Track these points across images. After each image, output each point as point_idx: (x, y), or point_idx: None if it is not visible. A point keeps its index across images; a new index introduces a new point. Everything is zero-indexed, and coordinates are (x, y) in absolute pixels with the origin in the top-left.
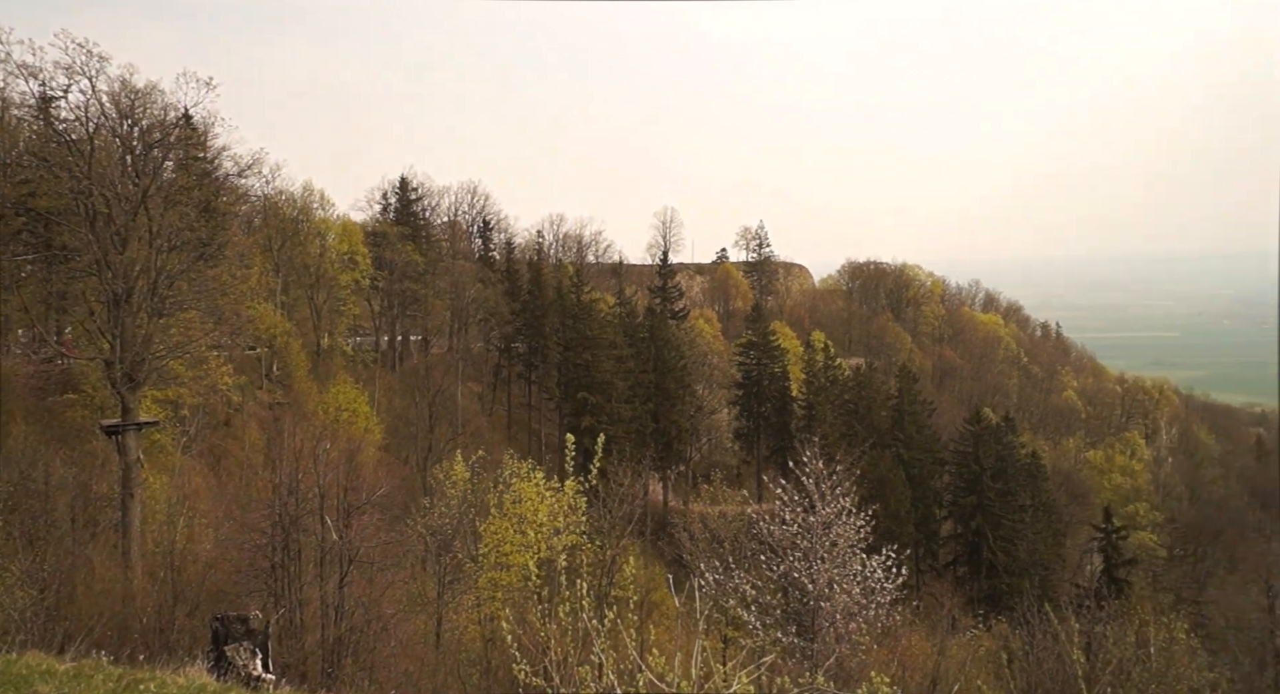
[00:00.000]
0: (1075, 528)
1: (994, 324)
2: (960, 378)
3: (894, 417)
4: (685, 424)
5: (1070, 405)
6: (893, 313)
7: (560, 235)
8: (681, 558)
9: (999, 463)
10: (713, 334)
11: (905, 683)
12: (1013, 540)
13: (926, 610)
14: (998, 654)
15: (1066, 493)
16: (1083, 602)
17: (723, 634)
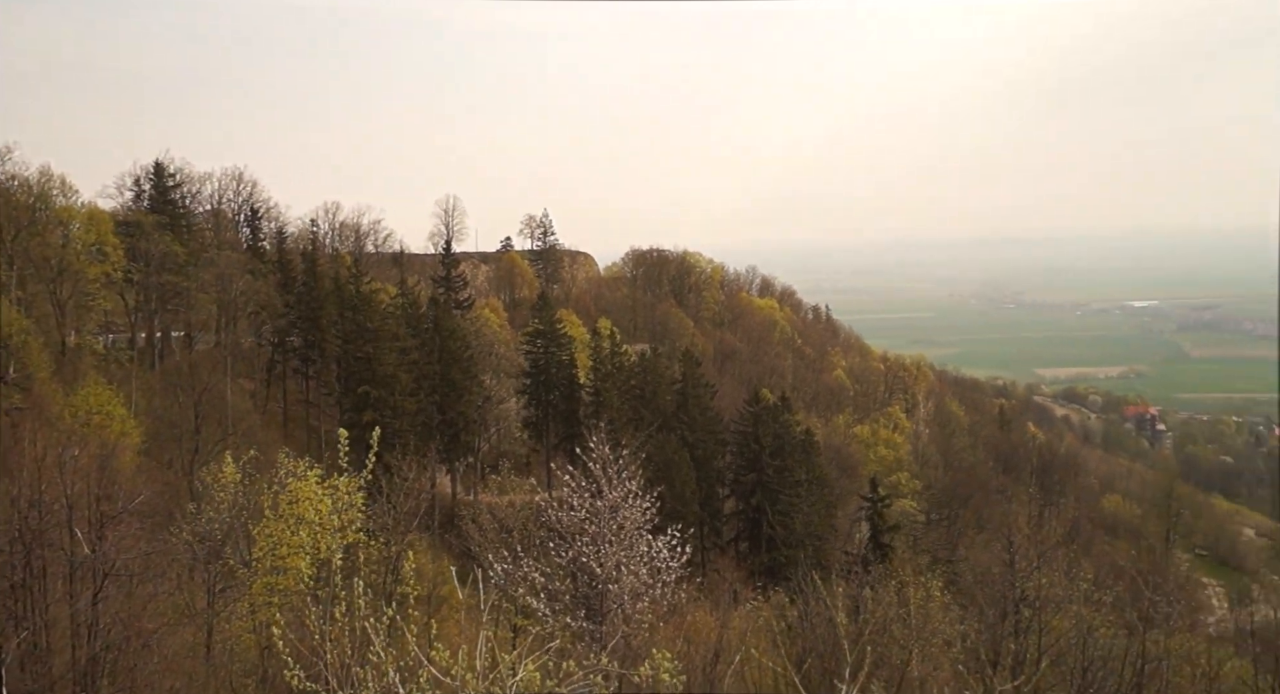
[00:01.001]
0: (845, 499)
1: (770, 308)
2: (740, 360)
3: (678, 400)
4: (473, 415)
5: (839, 383)
6: (676, 299)
7: (337, 224)
8: (470, 550)
9: (776, 441)
10: (499, 323)
11: (690, 657)
12: (790, 514)
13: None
14: (776, 623)
15: (837, 466)
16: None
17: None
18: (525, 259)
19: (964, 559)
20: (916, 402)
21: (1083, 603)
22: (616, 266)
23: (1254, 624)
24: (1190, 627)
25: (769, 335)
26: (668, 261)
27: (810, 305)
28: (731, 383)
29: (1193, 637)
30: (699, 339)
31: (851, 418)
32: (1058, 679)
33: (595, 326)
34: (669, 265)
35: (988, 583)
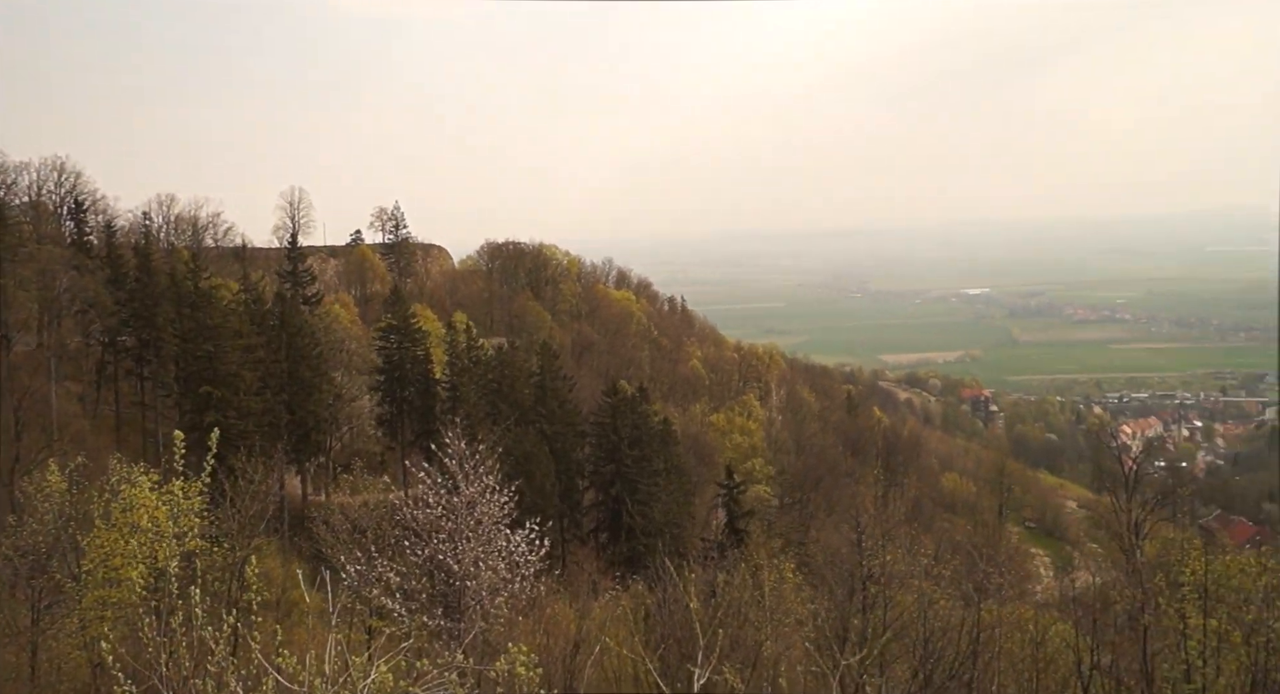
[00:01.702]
0: (703, 487)
1: (627, 300)
2: (597, 352)
3: (536, 393)
4: (323, 414)
5: (695, 374)
6: (532, 292)
7: (172, 217)
8: (321, 552)
9: (635, 431)
10: (350, 319)
11: (549, 650)
12: (649, 503)
13: (571, 578)
14: (634, 611)
15: (695, 455)
16: (708, 554)
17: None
18: (376, 253)
19: (815, 541)
20: (769, 389)
21: (924, 577)
22: (472, 260)
23: (1075, 590)
24: (1020, 595)
25: (626, 327)
26: (524, 254)
27: (666, 297)
28: (590, 375)
29: (1022, 604)
30: (556, 332)
31: (707, 407)
32: (901, 651)
33: (451, 321)
34: (525, 258)
35: (836, 563)
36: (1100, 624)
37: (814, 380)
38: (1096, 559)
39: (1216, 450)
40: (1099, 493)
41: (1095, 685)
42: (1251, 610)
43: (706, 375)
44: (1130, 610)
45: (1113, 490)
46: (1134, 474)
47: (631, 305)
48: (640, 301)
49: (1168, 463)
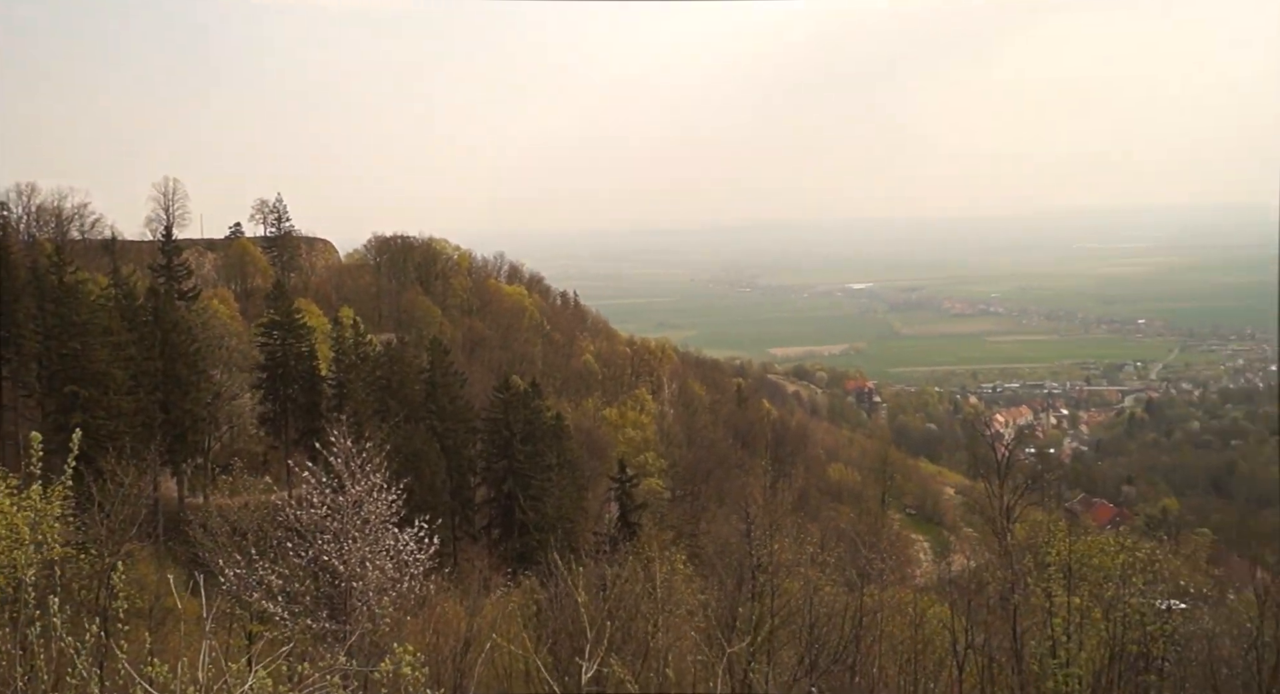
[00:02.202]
0: (596, 481)
1: (519, 295)
2: (489, 347)
3: (427, 389)
4: (201, 413)
5: (588, 368)
6: (422, 286)
7: (33, 208)
8: (198, 556)
9: (527, 427)
10: (230, 315)
11: (439, 649)
12: (541, 499)
13: (462, 575)
14: (527, 607)
15: (588, 449)
16: (600, 547)
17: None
18: (258, 246)
19: (706, 532)
20: (661, 383)
21: (810, 565)
22: (359, 254)
23: (951, 573)
24: (902, 579)
25: (519, 322)
26: (413, 248)
27: (559, 291)
28: (481, 370)
29: (903, 588)
30: (447, 327)
31: (600, 401)
32: (788, 637)
33: (337, 316)
34: (414, 252)
35: (726, 553)
36: (974, 605)
37: (705, 374)
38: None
39: (1081, 437)
40: (974, 479)
41: (969, 663)
42: (1110, 587)
43: (599, 370)
44: (1002, 591)
45: (986, 477)
46: (1006, 461)
47: (524, 300)
48: (533, 296)
49: (1037, 450)
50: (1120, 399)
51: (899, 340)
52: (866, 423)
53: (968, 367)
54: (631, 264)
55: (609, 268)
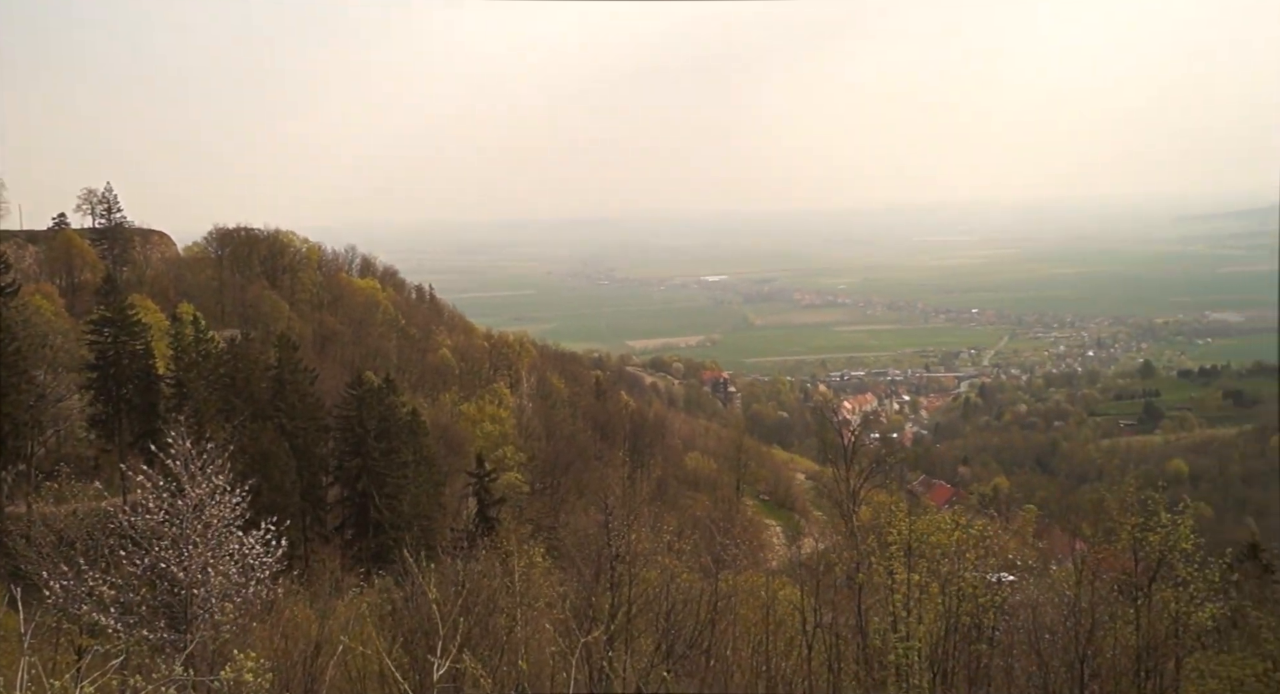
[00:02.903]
0: (453, 477)
1: (372, 289)
2: (341, 343)
3: (274, 387)
4: (23, 417)
5: (445, 363)
6: (268, 281)
7: None
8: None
9: (382, 423)
10: (54, 311)
11: (288, 654)
12: (397, 496)
13: (314, 577)
14: (382, 607)
15: (445, 445)
16: (458, 543)
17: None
18: (86, 238)
19: (565, 524)
20: (520, 377)
21: (667, 553)
22: (199, 246)
23: (801, 556)
24: (755, 564)
25: (372, 316)
26: (258, 241)
27: (414, 285)
28: (333, 366)
29: (756, 573)
30: (296, 322)
31: (458, 396)
32: (646, 624)
33: (176, 312)
34: (259, 245)
35: (585, 544)
36: (822, 585)
37: (564, 367)
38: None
39: (921, 421)
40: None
41: (818, 641)
42: (946, 563)
43: (456, 364)
44: (848, 571)
45: (834, 462)
46: (852, 446)
47: (377, 294)
48: (387, 290)
49: (881, 434)
50: (956, 385)
51: (752, 331)
52: (722, 412)
53: (817, 356)
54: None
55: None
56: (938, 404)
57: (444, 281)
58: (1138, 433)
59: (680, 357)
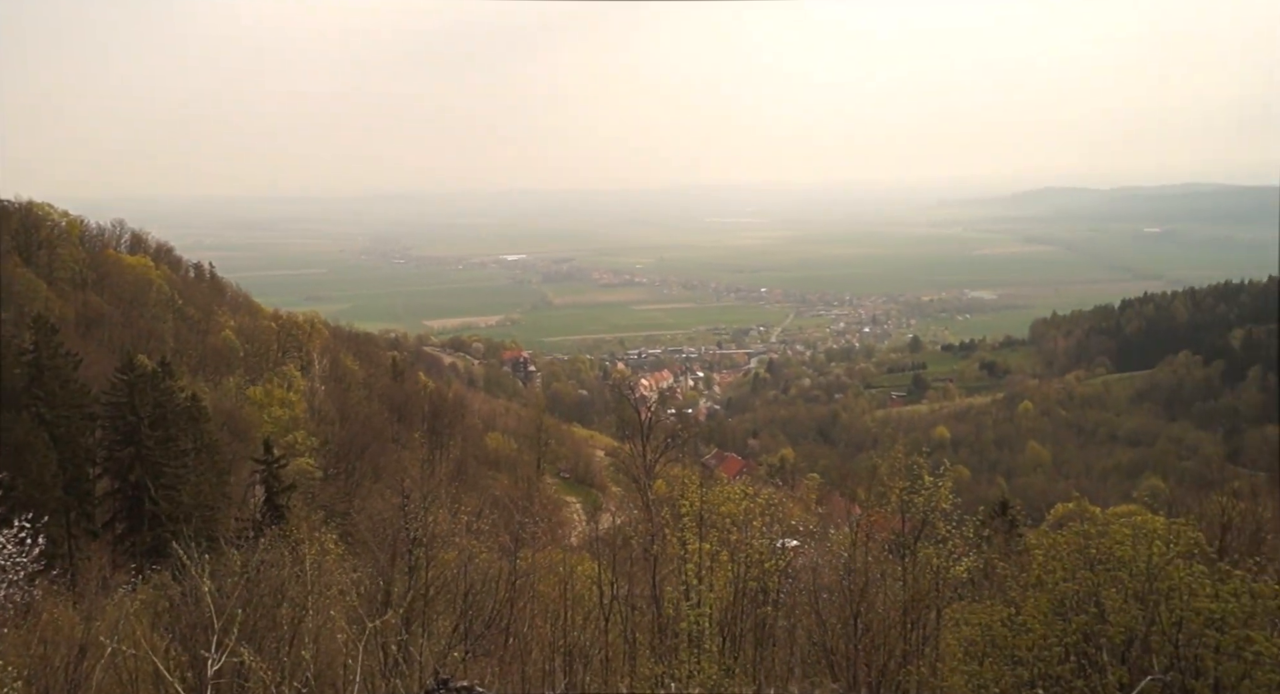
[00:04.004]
0: (239, 464)
1: (144, 266)
2: (110, 325)
3: (31, 374)
4: None
5: (229, 345)
6: (22, 257)
7: None
8: None
9: (157, 410)
10: None
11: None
12: (176, 487)
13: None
14: (159, 604)
15: (230, 431)
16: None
17: None
18: None
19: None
20: (312, 359)
21: (466, 534)
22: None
23: (599, 530)
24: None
25: (144, 296)
26: (8, 214)
27: (192, 263)
28: (100, 351)
29: (556, 549)
30: (56, 303)
31: (244, 380)
32: (444, 606)
33: None
34: (9, 218)
35: (381, 528)
36: (619, 558)
37: (359, 348)
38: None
39: (715, 397)
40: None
41: (614, 613)
42: (736, 532)
43: (241, 346)
44: (644, 543)
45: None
46: (649, 423)
47: (150, 272)
48: (161, 268)
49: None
50: (747, 361)
51: (552, 310)
52: (523, 391)
53: (616, 334)
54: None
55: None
56: (730, 380)
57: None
58: (907, 403)
59: (480, 336)
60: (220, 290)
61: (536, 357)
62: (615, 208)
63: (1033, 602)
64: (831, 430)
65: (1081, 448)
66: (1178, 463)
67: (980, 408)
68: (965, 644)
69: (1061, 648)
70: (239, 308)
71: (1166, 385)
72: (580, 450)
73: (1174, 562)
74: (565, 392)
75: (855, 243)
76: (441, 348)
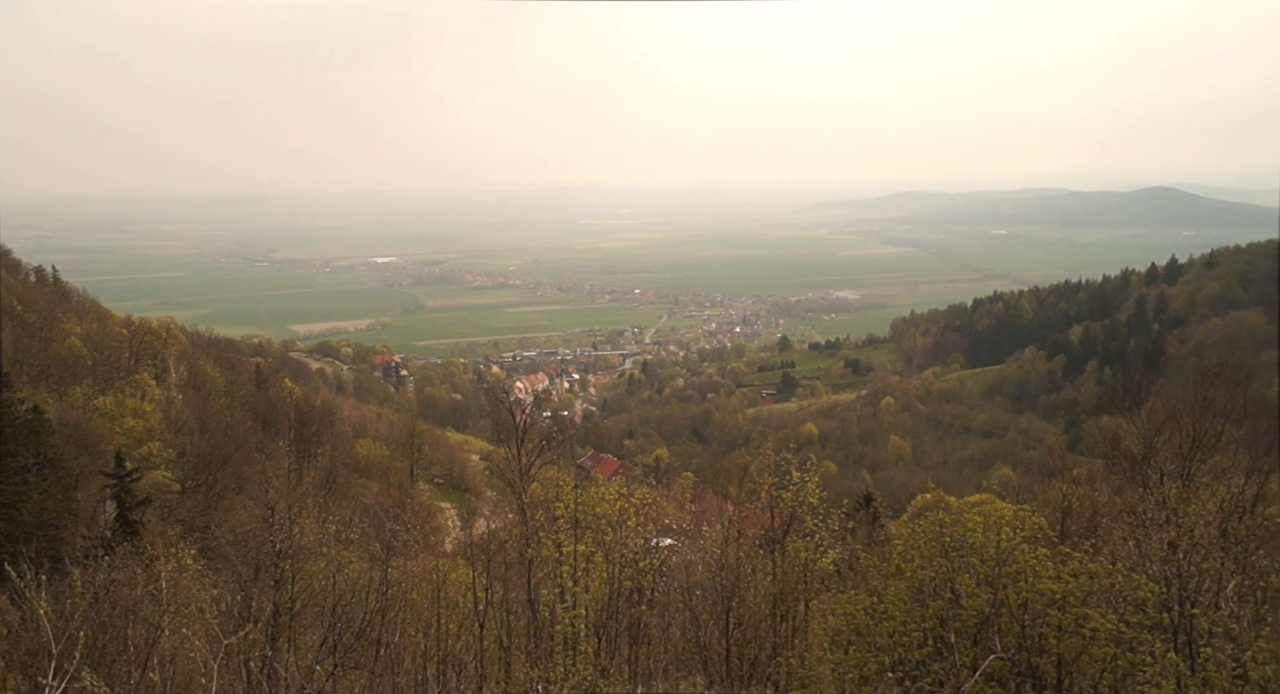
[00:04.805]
0: (88, 479)
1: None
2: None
3: None
4: None
5: (75, 353)
6: None
7: None
8: None
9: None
10: None
11: None
12: (16, 505)
13: None
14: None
15: (77, 445)
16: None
17: None
18: None
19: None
20: (168, 366)
21: (334, 544)
22: None
23: (475, 535)
24: (429, 548)
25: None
26: None
27: (31, 267)
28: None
29: (429, 556)
30: None
31: (92, 390)
32: (311, 620)
33: None
34: None
35: (244, 542)
36: (494, 563)
37: (220, 354)
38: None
39: (590, 398)
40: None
41: (489, 619)
42: (610, 533)
43: (90, 355)
44: (519, 547)
45: (507, 442)
46: (524, 426)
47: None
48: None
49: (553, 413)
50: (622, 362)
51: (425, 313)
52: (395, 397)
53: (490, 337)
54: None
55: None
56: (605, 381)
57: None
58: (777, 401)
59: (349, 341)
60: (65, 295)
61: (409, 361)
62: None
63: (893, 590)
64: (705, 429)
65: (939, 441)
66: (1025, 453)
67: (846, 404)
68: (831, 634)
69: (920, 633)
70: (86, 314)
71: (1015, 380)
72: (455, 455)
73: (1020, 547)
74: (439, 396)
75: (726, 244)
76: (309, 353)
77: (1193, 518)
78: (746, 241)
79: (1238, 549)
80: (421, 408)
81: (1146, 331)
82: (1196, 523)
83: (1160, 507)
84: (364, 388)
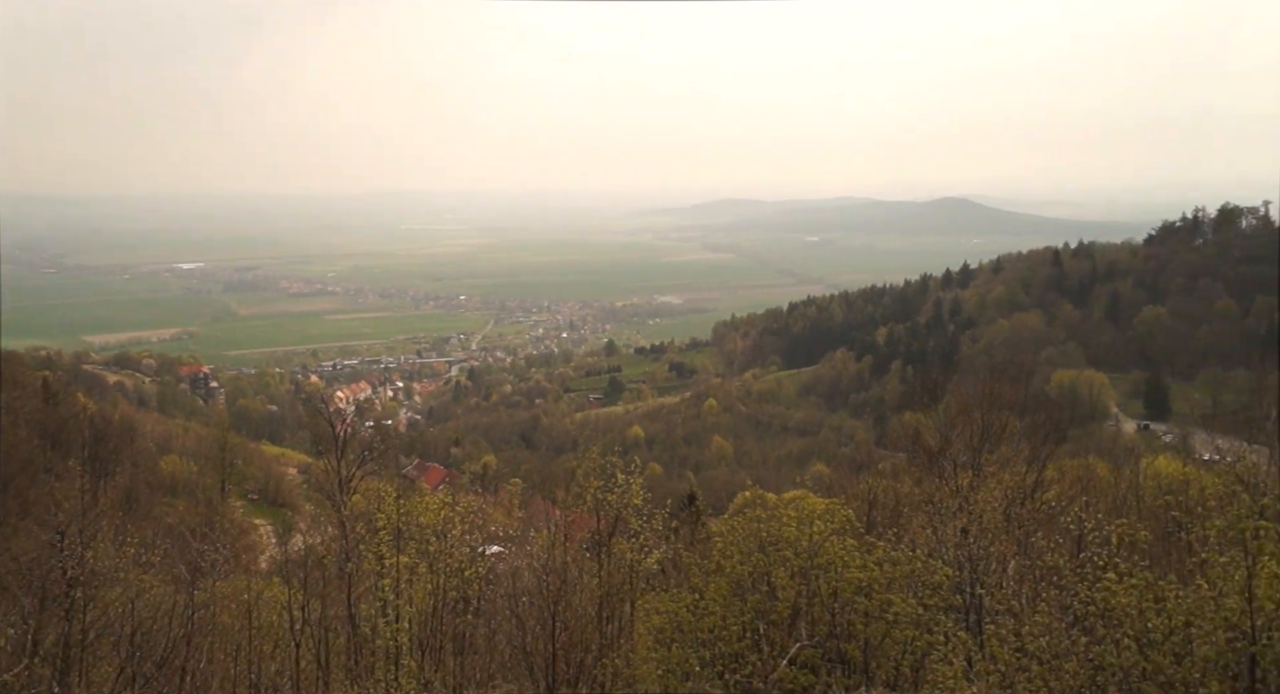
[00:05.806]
0: None
1: None
2: None
3: None
4: None
5: None
6: None
7: None
8: None
9: None
10: None
11: None
12: None
13: None
14: None
15: None
16: None
17: None
18: None
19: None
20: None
21: (133, 568)
22: None
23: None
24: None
25: None
26: None
27: None
28: None
29: (241, 576)
30: None
31: None
32: (108, 649)
33: None
34: None
35: (30, 570)
36: (312, 580)
37: (2, 368)
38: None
39: (415, 406)
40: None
41: (306, 638)
42: (435, 542)
43: None
44: (339, 561)
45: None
46: (345, 436)
47: None
48: None
49: (375, 422)
50: (448, 369)
51: (236, 322)
52: (204, 410)
53: (308, 346)
54: None
55: None
56: (431, 389)
57: None
58: (604, 405)
59: (152, 352)
60: None
61: (219, 372)
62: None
63: (714, 586)
64: (533, 434)
65: (759, 440)
66: (838, 449)
67: (671, 407)
68: (655, 632)
69: (739, 626)
70: None
71: (828, 379)
72: (271, 469)
73: (830, 539)
74: (253, 408)
75: (553, 250)
76: (106, 365)
77: (981, 505)
78: (574, 247)
79: (1019, 532)
80: (234, 420)
81: (943, 332)
82: (985, 509)
83: (953, 495)
84: (169, 401)
